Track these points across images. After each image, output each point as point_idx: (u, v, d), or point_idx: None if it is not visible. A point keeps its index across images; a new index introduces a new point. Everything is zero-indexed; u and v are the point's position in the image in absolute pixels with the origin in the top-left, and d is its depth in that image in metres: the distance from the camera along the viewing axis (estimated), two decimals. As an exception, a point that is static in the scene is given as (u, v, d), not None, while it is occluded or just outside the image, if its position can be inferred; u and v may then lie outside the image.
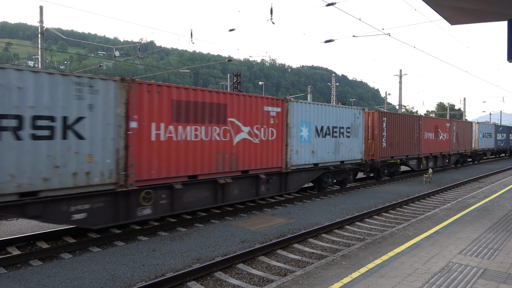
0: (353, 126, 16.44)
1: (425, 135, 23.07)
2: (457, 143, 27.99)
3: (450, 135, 26.78)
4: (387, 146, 19.33)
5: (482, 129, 33.42)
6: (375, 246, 7.27)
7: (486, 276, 5.68)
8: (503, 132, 40.46)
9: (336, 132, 15.50)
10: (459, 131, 28.58)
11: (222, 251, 8.12)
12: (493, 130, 36.62)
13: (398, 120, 20.52)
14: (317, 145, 14.52)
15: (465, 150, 29.87)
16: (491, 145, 36.07)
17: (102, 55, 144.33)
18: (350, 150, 16.25)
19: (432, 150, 24.23)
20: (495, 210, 10.70)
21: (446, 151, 26.15)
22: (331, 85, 57.62)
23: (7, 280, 6.45)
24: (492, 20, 8.40)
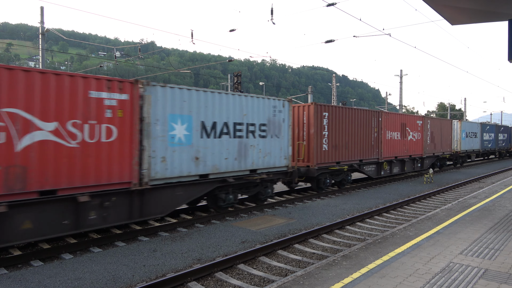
0: (271, 123, 12.55)
1: (387, 134, 19.46)
2: (432, 144, 24.25)
3: (423, 134, 23.01)
4: (331, 149, 15.52)
5: (465, 128, 29.69)
6: (376, 246, 7.26)
7: (487, 276, 5.67)
8: (490, 132, 36.11)
9: (241, 131, 11.48)
10: (435, 130, 24.83)
11: (222, 252, 8.12)
12: (479, 130, 32.74)
13: (346, 116, 16.59)
14: (205, 149, 10.50)
15: (443, 152, 26.04)
16: (476, 146, 32.22)
17: (102, 56, 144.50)
18: (266, 154, 12.35)
19: (398, 153, 20.46)
20: (496, 210, 10.69)
21: (417, 153, 22.44)
22: (331, 85, 57.62)
23: (8, 280, 6.45)
24: (492, 20, 8.39)
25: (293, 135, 14.97)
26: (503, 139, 39.95)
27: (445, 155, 26.62)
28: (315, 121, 14.70)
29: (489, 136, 35.44)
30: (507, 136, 41.68)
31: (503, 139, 39.95)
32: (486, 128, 34.66)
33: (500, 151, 40.23)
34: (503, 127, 40.83)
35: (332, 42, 19.30)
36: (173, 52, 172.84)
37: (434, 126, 24.68)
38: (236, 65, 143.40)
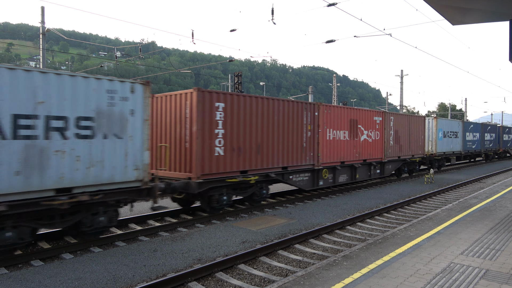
0: (105, 116, 8.32)
1: (328, 134, 15.30)
2: (396, 145, 20.00)
3: (384, 134, 18.83)
4: (229, 154, 11.33)
5: (443, 126, 25.46)
6: (376, 246, 7.25)
7: (488, 276, 5.66)
8: (474, 131, 31.49)
9: (32, 128, 7.25)
10: (402, 129, 20.50)
11: (223, 252, 8.12)
12: (460, 129, 28.48)
13: (258, 109, 12.32)
14: None
15: (412, 155, 21.60)
16: (457, 147, 27.80)
17: (103, 56, 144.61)
18: (94, 164, 8.09)
19: (346, 157, 16.23)
20: (496, 211, 10.67)
21: (375, 157, 18.15)
22: (332, 85, 57.59)
23: (8, 280, 6.45)
24: (494, 20, 8.37)
25: (160, 134, 11.67)
26: (490, 139, 35.62)
27: (415, 158, 21.89)
28: (199, 114, 10.53)
29: (473, 136, 31.08)
30: (495, 136, 37.40)
31: (490, 140, 35.64)
32: (469, 127, 30.33)
33: (487, 153, 35.73)
34: (490, 126, 36.46)
35: (332, 42, 19.30)
36: (174, 52, 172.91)
37: (400, 124, 20.36)
38: (237, 65, 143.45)
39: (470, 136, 30.63)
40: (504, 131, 40.25)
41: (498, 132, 38.58)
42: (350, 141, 16.52)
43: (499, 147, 38.76)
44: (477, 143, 32.11)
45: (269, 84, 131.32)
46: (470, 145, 30.68)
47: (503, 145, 39.97)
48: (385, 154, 19.02)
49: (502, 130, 39.46)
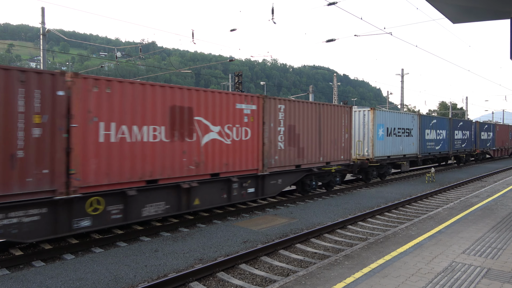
0: None
1: (101, 131, 8.48)
2: (292, 149, 13.50)
3: (260, 131, 12.31)
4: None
5: (385, 121, 18.85)
6: (378, 246, 7.24)
7: (490, 275, 5.65)
8: (440, 128, 25.21)
9: None
10: (302, 123, 13.89)
11: (224, 252, 8.11)
12: (416, 125, 21.99)
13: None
14: None
15: (327, 163, 15.06)
16: (412, 149, 21.48)
17: (103, 56, 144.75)
18: None
19: (158, 170, 9.58)
20: (498, 209, 10.65)
21: (242, 168, 11.78)
22: (332, 84, 57.55)
23: (9, 281, 6.46)
24: (494, 19, 8.36)
25: None
26: (462, 138, 29.08)
27: (332, 167, 15.13)
28: None
29: (436, 135, 24.70)
30: (470, 135, 30.64)
31: (463, 139, 29.10)
32: (430, 123, 23.93)
33: (458, 155, 28.97)
34: (463, 122, 29.48)
35: (333, 41, 19.28)
36: (174, 52, 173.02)
37: (300, 117, 13.73)
38: (237, 65, 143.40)
39: (432, 134, 24.13)
40: (482, 128, 33.24)
41: (474, 129, 31.88)
42: (170, 143, 9.83)
43: (475, 148, 31.96)
44: (443, 143, 25.71)
45: (269, 83, 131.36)
46: (432, 145, 24.19)
47: (480, 145, 32.83)
48: (265, 163, 12.20)
49: (479, 127, 32.55)
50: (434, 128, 24.48)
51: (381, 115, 18.76)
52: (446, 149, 26.22)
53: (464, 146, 29.28)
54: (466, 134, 29.80)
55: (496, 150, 36.79)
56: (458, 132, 28.23)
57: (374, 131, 18.08)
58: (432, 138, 24.15)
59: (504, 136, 39.19)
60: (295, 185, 14.91)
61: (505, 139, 39.55)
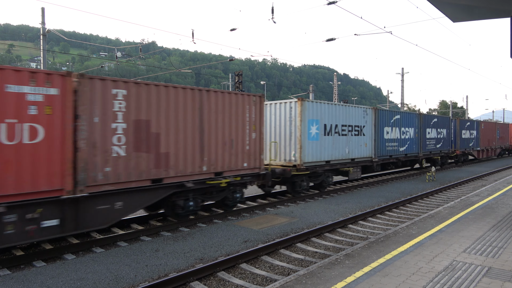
0: None
1: None
2: (143, 156, 9.06)
3: (64, 128, 7.73)
4: None
5: (320, 115, 14.87)
6: (378, 245, 7.24)
7: (491, 274, 5.65)
8: (406, 125, 20.84)
9: None
10: (162, 118, 9.50)
11: (225, 251, 8.12)
12: (370, 121, 17.73)
13: None
14: None
15: (215, 174, 10.85)
16: (364, 151, 17.30)
17: (104, 56, 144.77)
18: None
19: None
20: (499, 208, 10.65)
21: (14, 192, 6.97)
22: (333, 84, 57.53)
23: (10, 281, 6.46)
24: (494, 17, 8.36)
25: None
26: (437, 137, 24.81)
27: (223, 179, 10.95)
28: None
29: (401, 134, 20.35)
30: (447, 134, 26.40)
31: (437, 138, 24.85)
32: (391, 120, 19.45)
33: (432, 158, 24.63)
34: (438, 119, 25.08)
35: (333, 40, 19.28)
36: (174, 52, 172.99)
37: (160, 108, 9.53)
38: (237, 65, 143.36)
39: (394, 133, 19.72)
40: (463, 126, 28.80)
41: (454, 127, 27.67)
42: None
43: (454, 148, 27.67)
44: (410, 143, 21.22)
45: (270, 83, 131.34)
46: (395, 146, 19.77)
47: (461, 145, 28.43)
48: (80, 178, 7.87)
49: (459, 125, 28.02)
50: (397, 126, 20.11)
51: (314, 108, 14.39)
52: (414, 150, 21.86)
53: (439, 146, 25.09)
54: (442, 132, 25.56)
55: (481, 150, 32.37)
56: (431, 130, 23.87)
57: (303, 129, 13.78)
58: (394, 137, 19.78)
59: (490, 135, 34.76)
60: (163, 209, 10.81)
61: (491, 138, 35.01)
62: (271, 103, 14.73)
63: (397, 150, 20.14)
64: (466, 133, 29.46)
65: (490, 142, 34.62)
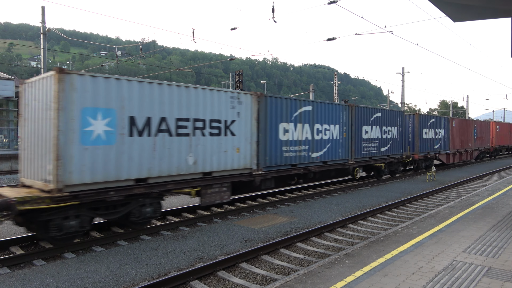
0: None
1: None
2: None
3: None
4: None
5: (117, 100, 8.58)
6: (378, 244, 7.24)
7: (491, 274, 5.65)
8: (325, 121, 15.09)
9: None
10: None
11: (225, 250, 8.12)
12: (247, 113, 11.92)
13: None
14: None
15: None
16: (236, 161, 11.47)
17: (104, 55, 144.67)
18: None
19: None
20: (499, 208, 10.65)
21: None
22: (333, 83, 57.57)
23: (10, 280, 6.47)
24: (495, 17, 8.35)
25: None
26: (382, 138, 18.53)
27: None
28: None
29: (316, 133, 14.56)
30: (401, 133, 20.16)
31: (382, 139, 18.57)
32: (296, 112, 13.76)
33: (373, 165, 18.41)
34: (382, 114, 18.77)
35: (333, 40, 19.28)
36: (175, 51, 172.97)
37: None
38: (238, 64, 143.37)
39: (302, 131, 13.94)
40: (424, 124, 22.61)
41: (411, 125, 21.94)
42: None
43: (410, 152, 21.64)
44: (331, 146, 15.24)
45: (270, 82, 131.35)
46: (303, 151, 13.95)
47: (422, 147, 22.29)
48: None
49: (418, 123, 21.83)
50: (308, 122, 14.09)
51: (97, 87, 8.28)
52: (340, 156, 15.71)
53: (385, 150, 18.80)
54: (390, 132, 19.15)
55: (451, 154, 26.29)
56: (371, 128, 17.64)
57: (65, 125, 7.73)
58: (300, 138, 13.71)
59: (464, 134, 28.59)
60: None
61: (466, 139, 28.91)
62: (32, 81, 8.93)
63: (307, 156, 14.04)
64: (429, 132, 23.33)
65: (465, 143, 28.65)
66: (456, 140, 27.19)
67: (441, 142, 25.00)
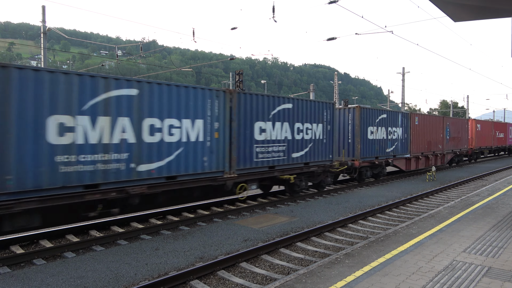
0: None
1: None
2: None
3: None
4: None
5: None
6: (378, 244, 7.24)
7: (491, 274, 5.64)
8: (180, 115, 9.77)
9: None
10: None
11: (225, 250, 8.12)
12: None
13: None
14: None
15: None
16: None
17: (104, 55, 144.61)
18: None
19: None
20: (499, 208, 10.64)
21: None
22: (333, 83, 57.51)
23: (11, 279, 6.47)
24: (496, 17, 8.34)
25: None
26: (292, 139, 13.34)
27: None
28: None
29: (150, 132, 9.18)
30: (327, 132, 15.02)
31: (293, 140, 13.38)
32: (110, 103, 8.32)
33: (277, 177, 13.13)
34: (294, 104, 13.46)
35: (334, 39, 19.27)
36: (175, 51, 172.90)
37: None
38: (238, 64, 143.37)
39: (115, 131, 8.55)
40: (369, 120, 17.70)
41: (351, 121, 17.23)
42: None
43: (343, 158, 16.78)
44: (186, 152, 9.99)
45: (270, 82, 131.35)
46: (119, 164, 8.57)
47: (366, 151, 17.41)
48: None
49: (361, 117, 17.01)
50: (137, 114, 9.04)
51: None
52: (207, 166, 10.58)
53: (301, 156, 13.79)
54: (310, 130, 14.11)
55: (412, 159, 21.26)
56: (272, 125, 12.63)
57: None
58: (111, 141, 8.51)
59: (433, 134, 23.56)
60: None
61: (436, 139, 23.85)
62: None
63: (126, 171, 8.77)
64: (378, 131, 18.18)
65: (433, 145, 23.47)
66: (420, 141, 22.17)
67: (397, 144, 19.94)
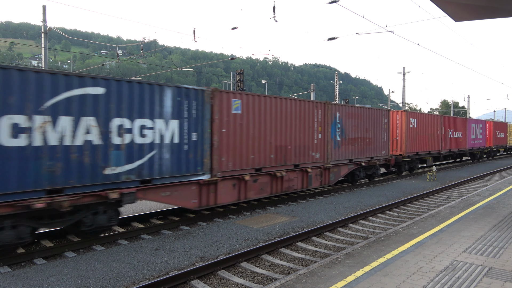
0: None
1: None
2: None
3: None
4: None
5: None
6: (379, 244, 7.24)
7: (491, 274, 5.64)
8: None
9: None
10: None
11: (225, 250, 8.12)
12: None
13: None
14: None
15: None
16: None
17: (105, 54, 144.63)
18: None
19: None
20: (500, 208, 10.63)
21: None
22: (334, 83, 57.57)
23: (11, 278, 6.47)
24: (496, 17, 8.33)
25: None
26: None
27: None
28: None
29: None
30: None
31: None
32: None
33: None
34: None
35: (334, 39, 19.25)
36: (175, 51, 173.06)
37: None
38: (239, 63, 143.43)
39: None
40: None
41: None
42: None
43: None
44: None
45: (271, 82, 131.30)
46: None
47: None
48: None
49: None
50: None
51: None
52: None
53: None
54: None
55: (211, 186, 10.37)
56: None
57: None
58: None
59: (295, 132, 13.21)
60: None
61: (303, 142, 13.42)
62: None
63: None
64: None
65: (302, 151, 13.54)
66: (244, 148, 11.54)
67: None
